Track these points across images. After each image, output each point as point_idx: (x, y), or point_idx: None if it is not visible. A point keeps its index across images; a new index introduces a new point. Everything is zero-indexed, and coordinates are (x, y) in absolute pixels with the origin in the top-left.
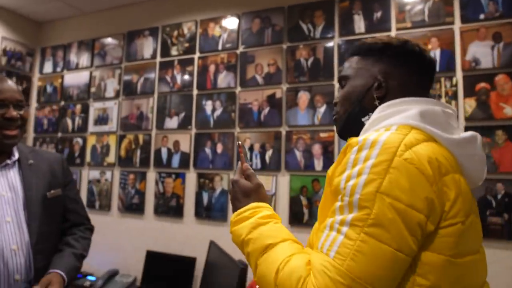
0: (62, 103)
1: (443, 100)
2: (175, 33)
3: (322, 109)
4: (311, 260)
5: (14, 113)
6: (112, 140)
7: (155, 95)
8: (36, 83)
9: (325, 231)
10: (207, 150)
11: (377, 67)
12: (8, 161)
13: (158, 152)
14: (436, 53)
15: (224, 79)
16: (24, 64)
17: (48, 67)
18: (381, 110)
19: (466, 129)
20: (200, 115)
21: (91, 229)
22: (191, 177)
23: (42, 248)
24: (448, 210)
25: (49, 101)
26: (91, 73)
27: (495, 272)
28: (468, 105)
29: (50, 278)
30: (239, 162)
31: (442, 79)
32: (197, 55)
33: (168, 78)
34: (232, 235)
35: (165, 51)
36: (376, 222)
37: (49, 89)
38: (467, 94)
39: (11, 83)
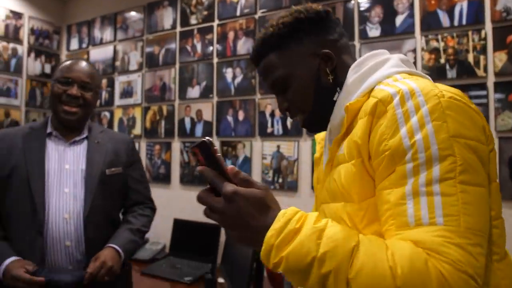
0: None
1: (470, 55)
2: (194, 1)
3: None
4: (417, 241)
5: (75, 91)
6: (137, 112)
7: (177, 66)
8: (64, 60)
9: (408, 200)
10: (229, 118)
11: (305, 46)
12: (77, 138)
13: (181, 122)
14: (463, 5)
15: (243, 46)
16: (52, 42)
17: (74, 44)
18: (355, 72)
19: (496, 84)
20: (221, 83)
21: (151, 208)
22: (215, 145)
23: (94, 220)
24: (488, 134)
25: None
26: (115, 47)
27: None
28: (498, 59)
29: (101, 253)
30: (214, 169)
31: (470, 33)
32: (216, 23)
33: (189, 48)
34: (284, 261)
35: (185, 21)
36: (465, 167)
37: (60, 65)
38: (497, 48)
39: (83, 65)
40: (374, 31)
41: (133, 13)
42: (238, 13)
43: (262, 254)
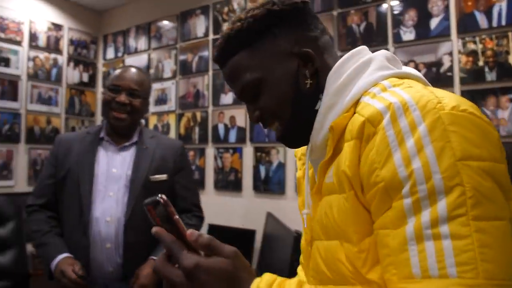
0: None
1: (511, 56)
2: (226, 9)
3: None
4: None
5: (123, 98)
6: (171, 119)
7: (210, 73)
8: (100, 68)
9: (410, 248)
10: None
11: (281, 44)
12: (126, 144)
13: (215, 128)
14: (502, 6)
15: None
16: (89, 52)
17: (110, 53)
18: (335, 78)
19: None
20: None
21: (199, 217)
22: (248, 151)
23: (135, 225)
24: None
25: None
26: (149, 55)
27: None
28: None
29: (143, 267)
30: (172, 231)
31: (510, 34)
32: None
33: None
34: None
35: (217, 28)
36: (478, 198)
37: (112, 73)
38: None
39: (132, 73)
40: (408, 35)
41: (166, 22)
42: None
43: None
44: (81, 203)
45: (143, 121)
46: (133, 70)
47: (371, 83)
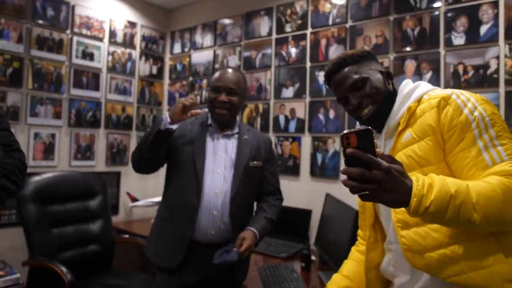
0: (190, 78)
1: None
2: (288, 11)
3: (428, 76)
4: (498, 171)
5: (223, 97)
6: None
7: (272, 69)
8: (168, 62)
9: (483, 153)
10: (321, 116)
11: (374, 65)
12: (229, 132)
13: (276, 119)
14: None
15: (335, 52)
16: (158, 47)
17: (177, 48)
18: (406, 87)
19: None
20: (313, 85)
21: (281, 199)
22: (306, 140)
23: (238, 200)
24: None
25: (179, 78)
26: (214, 51)
27: None
28: None
29: (245, 234)
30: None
31: None
32: (309, 31)
33: (283, 53)
34: (433, 203)
35: (280, 29)
36: (505, 129)
37: (178, 67)
38: None
39: (229, 74)
40: (458, 39)
41: (231, 21)
42: (330, 22)
43: (415, 204)
44: (196, 173)
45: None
46: (230, 71)
47: (428, 90)
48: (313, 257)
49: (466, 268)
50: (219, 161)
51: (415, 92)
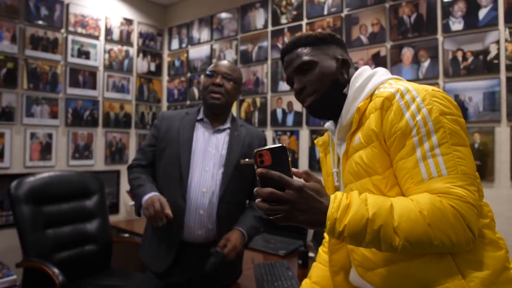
0: (189, 74)
1: None
2: (284, 2)
3: (426, 63)
4: (432, 189)
5: (218, 80)
6: (233, 105)
7: (269, 62)
8: (166, 59)
9: (420, 164)
10: None
11: (332, 50)
12: (221, 127)
13: (273, 112)
14: None
15: None
16: (156, 43)
17: (175, 44)
18: (358, 80)
19: None
20: None
21: None
22: (304, 134)
23: (226, 199)
24: None
25: (177, 74)
26: (211, 46)
27: None
28: None
29: (230, 235)
30: (278, 170)
31: None
32: (304, 22)
33: (280, 45)
34: (346, 228)
35: (276, 20)
36: (452, 134)
37: (177, 63)
38: None
39: (225, 62)
40: (457, 25)
41: (227, 15)
42: (325, 12)
43: (328, 228)
44: (181, 172)
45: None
46: (226, 60)
47: (381, 82)
48: (311, 254)
49: (417, 286)
50: (209, 159)
51: (368, 86)
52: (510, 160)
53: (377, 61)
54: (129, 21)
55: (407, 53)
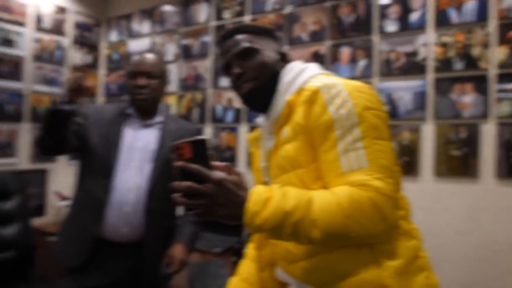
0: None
1: (476, 49)
2: None
3: (362, 63)
4: (352, 181)
5: (141, 81)
6: (173, 100)
7: (211, 57)
8: (103, 51)
9: (341, 157)
10: None
11: (274, 43)
12: (150, 122)
13: (213, 108)
14: (471, 3)
15: None
16: (92, 34)
17: (113, 36)
18: (288, 73)
19: (500, 76)
20: None
21: None
22: (244, 130)
23: (156, 195)
24: None
25: (116, 67)
26: (152, 39)
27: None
28: (501, 53)
29: (173, 251)
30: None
31: (476, 29)
32: (248, 17)
33: None
34: (265, 222)
35: (219, 15)
36: (374, 128)
37: (115, 56)
38: (500, 43)
39: (147, 57)
40: (391, 27)
41: (169, 8)
42: (268, 9)
43: (247, 222)
44: (106, 167)
45: (169, 105)
46: (148, 54)
47: (311, 76)
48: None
49: (336, 277)
50: (136, 154)
51: (298, 80)
52: (433, 157)
53: (317, 59)
54: (62, 9)
55: (345, 52)
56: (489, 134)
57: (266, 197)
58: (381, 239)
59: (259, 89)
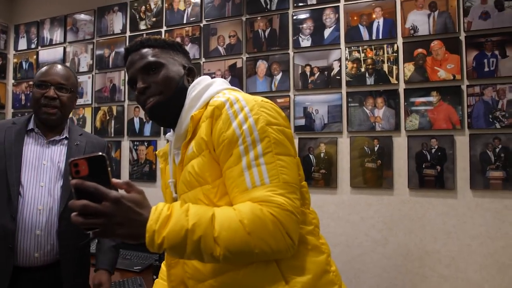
0: None
1: (385, 65)
2: (143, 8)
3: (278, 77)
4: (254, 198)
5: (51, 93)
6: (87, 112)
7: None
8: (11, 59)
9: (245, 173)
10: None
11: (179, 58)
12: (57, 138)
13: (131, 122)
14: (379, 22)
15: (189, 51)
16: None
17: (22, 44)
18: (195, 88)
19: (406, 91)
20: None
21: None
22: (162, 144)
23: (68, 216)
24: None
25: (25, 77)
26: (64, 48)
27: (430, 217)
28: (407, 69)
29: (99, 279)
30: (95, 181)
31: (385, 46)
32: (164, 29)
33: None
34: (165, 240)
35: (134, 26)
36: (277, 143)
37: (24, 65)
38: (406, 59)
39: (58, 69)
40: (306, 42)
41: (83, 16)
42: (185, 21)
43: (148, 241)
44: (8, 190)
45: (74, 118)
46: (59, 66)
47: (216, 91)
48: None
49: None
50: (43, 173)
51: (204, 95)
52: (350, 169)
53: (234, 72)
54: None
55: (261, 66)
56: (400, 146)
57: (166, 215)
58: (287, 255)
59: (163, 104)
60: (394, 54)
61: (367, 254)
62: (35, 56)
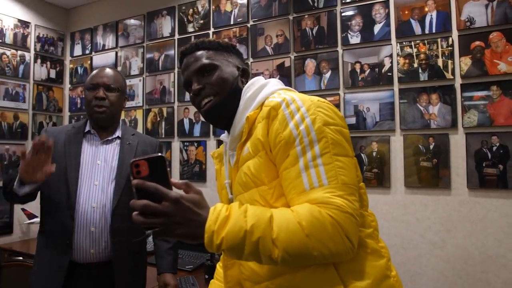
0: None
1: (440, 60)
2: (190, 11)
3: (327, 75)
4: (313, 199)
5: (101, 93)
6: (139, 114)
7: (176, 70)
8: (68, 65)
9: (302, 174)
10: None
11: (233, 59)
12: (109, 138)
13: (181, 123)
14: (432, 15)
15: None
16: (56, 49)
17: (78, 50)
18: (250, 89)
19: (463, 86)
20: None
21: None
22: (212, 144)
23: (121, 212)
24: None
25: (81, 82)
26: (116, 53)
27: (492, 219)
28: (464, 63)
29: (164, 281)
30: (155, 181)
31: (439, 40)
32: (211, 31)
33: None
34: (224, 241)
35: (182, 29)
36: (335, 144)
37: (80, 70)
38: (462, 53)
39: (106, 71)
40: (355, 39)
41: (133, 21)
42: (232, 22)
43: (206, 241)
44: (68, 189)
45: (126, 120)
46: (107, 69)
47: (271, 92)
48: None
49: None
50: (97, 172)
51: (259, 96)
52: (403, 167)
53: (282, 71)
54: (25, 24)
55: (310, 64)
56: (458, 144)
57: (225, 215)
58: (346, 259)
59: (219, 105)
60: (449, 48)
61: (423, 256)
62: (89, 61)
